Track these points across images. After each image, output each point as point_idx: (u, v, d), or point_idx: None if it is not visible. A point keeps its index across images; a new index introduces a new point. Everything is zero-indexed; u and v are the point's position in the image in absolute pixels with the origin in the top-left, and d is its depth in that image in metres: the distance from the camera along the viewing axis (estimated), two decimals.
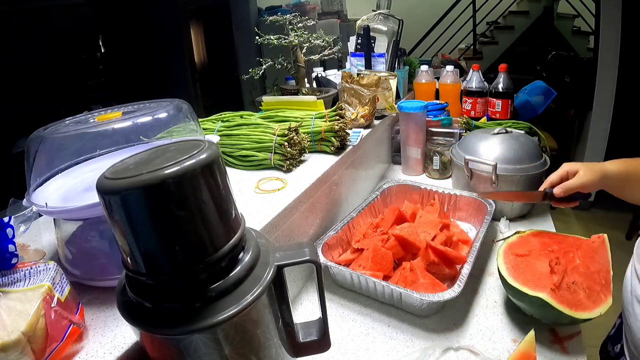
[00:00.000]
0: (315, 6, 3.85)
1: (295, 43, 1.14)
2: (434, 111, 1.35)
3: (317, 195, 0.83)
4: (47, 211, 0.48)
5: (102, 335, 0.44)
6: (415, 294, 0.66)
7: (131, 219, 0.32)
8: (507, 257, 0.71)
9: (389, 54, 1.46)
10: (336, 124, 0.92)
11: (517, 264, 0.70)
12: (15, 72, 2.96)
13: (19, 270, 0.42)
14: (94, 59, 3.76)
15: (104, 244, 0.53)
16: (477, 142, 1.02)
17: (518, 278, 0.66)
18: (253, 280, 0.37)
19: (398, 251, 0.80)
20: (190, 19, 4.05)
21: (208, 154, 0.34)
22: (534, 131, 1.21)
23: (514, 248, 0.74)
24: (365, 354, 0.64)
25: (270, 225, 0.67)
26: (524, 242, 0.75)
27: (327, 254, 0.79)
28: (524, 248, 0.73)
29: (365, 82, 1.20)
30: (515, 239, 0.76)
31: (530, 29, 4.43)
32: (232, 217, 0.37)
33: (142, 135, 0.55)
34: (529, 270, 0.68)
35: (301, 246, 0.43)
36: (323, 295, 0.45)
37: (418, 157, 1.25)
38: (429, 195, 1.02)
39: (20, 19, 3.03)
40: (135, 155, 0.37)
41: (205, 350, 0.35)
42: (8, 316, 0.37)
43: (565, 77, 3.12)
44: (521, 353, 0.56)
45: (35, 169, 0.53)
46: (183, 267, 0.34)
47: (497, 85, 1.37)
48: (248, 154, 0.88)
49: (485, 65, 4.22)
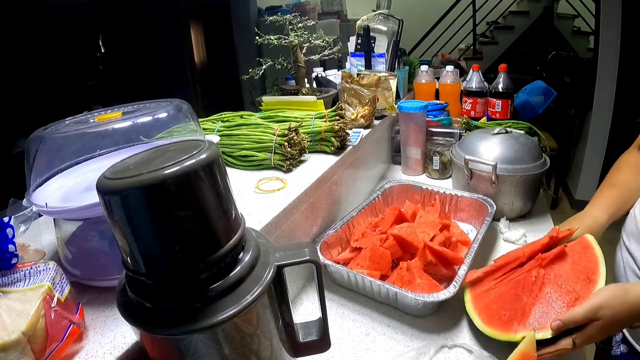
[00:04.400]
0: (315, 6, 3.85)
1: (295, 43, 1.14)
2: (434, 111, 1.35)
3: (317, 196, 0.83)
4: (47, 211, 0.48)
5: (102, 335, 0.44)
6: (410, 294, 0.66)
7: (131, 219, 0.32)
8: (476, 303, 0.68)
9: (389, 54, 1.46)
10: (336, 124, 0.92)
11: (486, 304, 0.66)
12: (15, 72, 2.96)
13: (19, 270, 0.42)
14: (94, 59, 3.76)
15: (104, 244, 0.53)
16: (477, 142, 1.02)
17: (488, 322, 0.63)
18: (253, 280, 0.37)
19: (396, 251, 0.80)
20: (190, 19, 4.05)
21: (208, 154, 0.34)
22: (534, 131, 1.21)
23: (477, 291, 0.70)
24: (365, 354, 0.64)
25: (270, 225, 0.67)
26: (489, 275, 0.72)
27: (325, 253, 0.80)
28: (487, 284, 0.70)
29: (365, 82, 1.20)
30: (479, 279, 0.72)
31: (530, 29, 4.43)
32: (232, 217, 0.37)
33: (142, 135, 0.55)
34: (497, 305, 0.64)
35: (301, 246, 0.43)
36: (323, 295, 0.45)
37: (418, 157, 1.25)
38: (431, 195, 1.02)
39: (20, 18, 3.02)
40: (135, 155, 0.37)
41: (205, 350, 0.35)
42: (8, 316, 0.37)
43: (565, 77, 3.12)
44: (521, 353, 0.56)
45: (35, 169, 0.53)
46: (183, 267, 0.34)
47: (497, 85, 1.37)
48: (248, 154, 0.88)
49: (485, 65, 4.22)
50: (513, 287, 0.66)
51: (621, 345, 0.76)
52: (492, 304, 0.65)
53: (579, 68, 3.08)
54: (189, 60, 4.03)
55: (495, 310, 0.64)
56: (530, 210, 1.03)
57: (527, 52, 4.34)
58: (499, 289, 0.68)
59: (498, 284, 0.69)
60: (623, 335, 0.75)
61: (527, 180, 0.96)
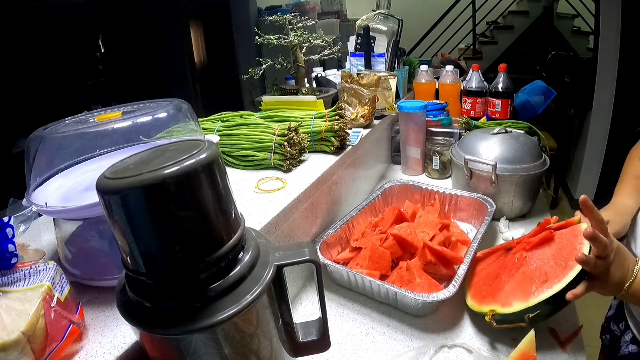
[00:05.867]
0: (315, 6, 3.85)
1: (295, 43, 1.14)
2: (434, 111, 1.35)
3: (317, 196, 0.83)
4: (47, 211, 0.48)
5: (102, 335, 0.44)
6: (410, 294, 0.66)
7: (131, 219, 0.32)
8: (470, 280, 0.75)
9: (389, 54, 1.46)
10: (336, 124, 0.92)
11: (476, 282, 0.73)
12: (15, 72, 2.96)
13: (19, 270, 0.42)
14: (94, 59, 3.76)
15: (104, 244, 0.53)
16: (477, 142, 1.02)
17: (472, 295, 0.70)
18: (253, 280, 0.37)
19: (396, 251, 0.80)
20: (190, 19, 4.05)
21: (208, 154, 0.34)
22: (534, 131, 1.21)
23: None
24: (365, 354, 0.64)
25: (270, 225, 0.67)
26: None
27: (325, 253, 0.80)
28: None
29: (365, 82, 1.20)
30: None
31: (530, 29, 4.44)
32: (232, 217, 0.37)
33: (142, 135, 0.55)
34: (483, 282, 0.70)
35: (301, 246, 0.43)
36: (323, 295, 0.45)
37: (418, 157, 1.25)
38: (430, 195, 1.02)
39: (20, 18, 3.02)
40: (135, 155, 0.37)
41: (205, 350, 0.35)
42: (8, 316, 0.37)
43: (565, 77, 3.12)
44: (522, 353, 0.56)
45: (35, 169, 0.53)
46: (183, 267, 0.34)
47: (497, 85, 1.37)
48: (248, 154, 0.88)
49: (485, 65, 4.22)
50: (499, 267, 0.71)
51: (630, 345, 0.75)
52: (480, 281, 0.72)
53: (579, 68, 3.08)
54: (189, 60, 4.03)
55: (480, 286, 0.70)
56: (530, 210, 1.03)
57: (527, 52, 4.34)
58: (489, 269, 0.74)
59: (490, 265, 0.75)
60: (633, 335, 0.75)
61: (527, 180, 0.96)
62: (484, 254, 0.79)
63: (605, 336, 0.86)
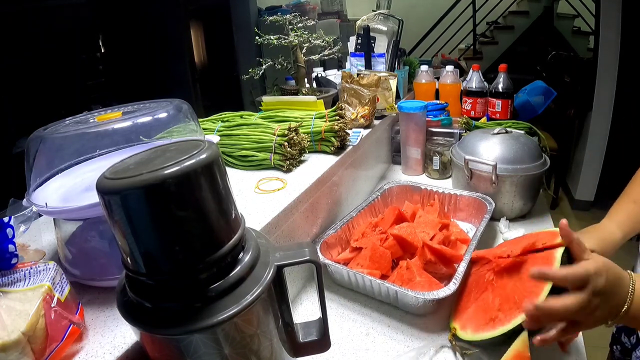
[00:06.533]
0: (315, 6, 3.85)
1: (295, 43, 1.14)
2: (434, 111, 1.35)
3: (317, 196, 0.83)
4: (47, 211, 0.48)
5: (102, 335, 0.44)
6: (410, 292, 0.66)
7: (131, 219, 0.32)
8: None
9: (389, 54, 1.46)
10: (336, 124, 0.92)
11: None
12: (15, 72, 2.96)
13: (19, 270, 0.42)
14: (94, 59, 3.76)
15: (104, 244, 0.53)
16: (477, 142, 1.02)
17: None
18: (253, 280, 0.37)
19: (396, 250, 0.80)
20: (190, 19, 4.05)
21: (208, 154, 0.34)
22: (534, 131, 1.21)
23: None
24: (365, 354, 0.64)
25: (270, 225, 0.67)
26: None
27: (325, 253, 0.80)
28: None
29: (365, 82, 1.20)
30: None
31: (530, 29, 4.44)
32: (232, 217, 0.37)
33: (142, 135, 0.55)
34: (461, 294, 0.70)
35: (301, 246, 0.43)
36: (323, 295, 0.45)
37: (418, 157, 1.25)
38: (430, 195, 1.02)
39: (20, 18, 3.02)
40: (135, 155, 0.37)
41: (205, 350, 0.35)
42: (8, 316, 0.37)
43: (565, 77, 3.12)
44: (515, 352, 0.56)
45: (35, 169, 0.53)
46: (183, 267, 0.34)
47: (497, 85, 1.37)
48: (248, 154, 0.88)
49: (485, 65, 4.22)
50: (475, 279, 0.71)
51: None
52: (459, 292, 0.71)
53: (579, 68, 3.08)
54: (189, 60, 4.02)
55: (458, 297, 0.71)
56: (530, 210, 1.03)
57: (527, 52, 4.34)
58: (470, 278, 0.73)
59: (473, 273, 0.74)
60: None
61: (527, 180, 0.96)
62: (476, 256, 0.74)
63: (615, 346, 0.84)
